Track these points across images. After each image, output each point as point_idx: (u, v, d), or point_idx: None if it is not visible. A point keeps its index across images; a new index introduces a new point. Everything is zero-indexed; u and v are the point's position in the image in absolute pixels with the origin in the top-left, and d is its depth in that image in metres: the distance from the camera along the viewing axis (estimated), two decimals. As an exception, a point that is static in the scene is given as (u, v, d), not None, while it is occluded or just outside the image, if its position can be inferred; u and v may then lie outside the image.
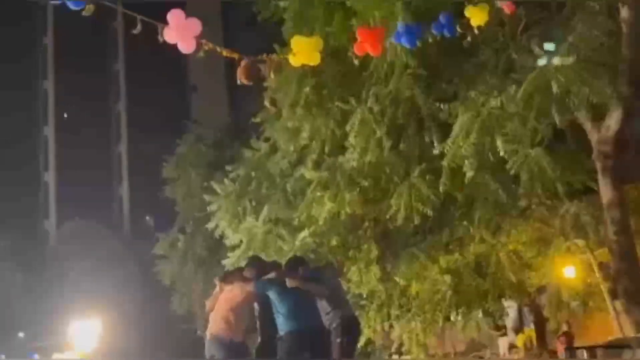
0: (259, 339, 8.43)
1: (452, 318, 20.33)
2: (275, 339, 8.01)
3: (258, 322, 8.49)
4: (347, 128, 16.24)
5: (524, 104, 14.11)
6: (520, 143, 14.67)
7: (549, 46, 13.52)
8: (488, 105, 14.44)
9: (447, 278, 19.45)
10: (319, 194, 17.45)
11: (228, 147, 30.75)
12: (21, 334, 40.56)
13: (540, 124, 14.37)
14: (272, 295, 8.07)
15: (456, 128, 14.95)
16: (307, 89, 16.40)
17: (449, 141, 15.13)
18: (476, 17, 9.43)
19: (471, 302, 19.95)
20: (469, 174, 15.24)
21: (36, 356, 26.81)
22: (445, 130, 15.68)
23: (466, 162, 15.05)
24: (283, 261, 9.95)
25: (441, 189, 15.99)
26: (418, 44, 9.88)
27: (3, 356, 30.10)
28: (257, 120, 19.44)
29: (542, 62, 13.67)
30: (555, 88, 13.48)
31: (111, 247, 45.03)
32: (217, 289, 8.87)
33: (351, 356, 8.65)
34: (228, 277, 8.89)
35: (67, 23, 52.24)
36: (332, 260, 18.26)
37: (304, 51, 8.04)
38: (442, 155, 15.53)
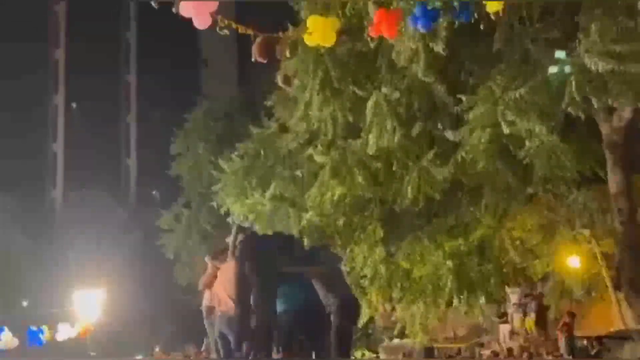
0: (256, 319, 8.35)
1: (454, 303, 20.33)
2: (271, 319, 7.95)
3: (255, 301, 8.37)
4: (366, 113, 16.06)
5: (540, 94, 13.99)
6: (534, 130, 14.57)
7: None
8: (506, 97, 14.27)
9: (450, 263, 19.45)
10: (330, 180, 17.42)
11: (237, 122, 30.72)
12: (25, 302, 40.79)
13: (554, 112, 14.26)
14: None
15: (472, 119, 14.83)
16: (321, 74, 16.23)
17: (464, 130, 15.00)
18: (492, 3, 9.31)
19: (474, 286, 19.96)
20: (482, 163, 15.19)
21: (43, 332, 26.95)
22: (459, 117, 15.58)
23: (481, 153, 14.97)
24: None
25: (450, 170, 15.92)
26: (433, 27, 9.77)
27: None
28: (270, 103, 19.32)
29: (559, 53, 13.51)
30: (572, 80, 13.28)
31: (117, 218, 45.15)
32: (210, 267, 8.85)
33: (349, 337, 8.63)
34: (219, 254, 8.79)
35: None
36: (335, 239, 18.29)
37: (319, 31, 7.96)
38: (454, 143, 15.44)
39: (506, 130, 14.37)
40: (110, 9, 57.50)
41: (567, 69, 13.31)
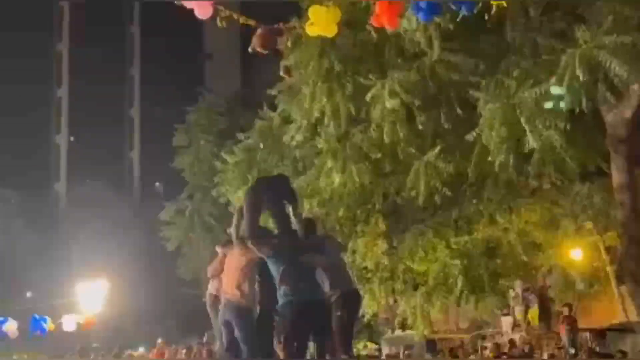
0: (259, 309, 8.29)
1: (462, 302, 20.24)
2: (274, 310, 7.90)
3: (258, 290, 8.32)
4: (370, 102, 15.90)
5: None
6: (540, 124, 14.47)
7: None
8: (520, 94, 14.12)
9: (458, 262, 19.32)
10: (328, 163, 17.33)
11: (240, 116, 30.73)
12: (29, 294, 40.92)
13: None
14: (270, 264, 7.92)
15: (487, 116, 14.68)
16: (327, 66, 16.09)
17: (481, 128, 14.85)
18: (497, -5, 9.22)
19: (484, 286, 19.80)
20: (500, 159, 15.02)
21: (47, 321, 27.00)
22: (469, 110, 15.47)
23: (496, 149, 14.85)
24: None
25: (470, 167, 15.83)
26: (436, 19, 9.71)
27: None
28: (273, 92, 19.20)
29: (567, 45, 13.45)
30: (581, 72, 13.12)
31: (120, 211, 45.17)
32: (220, 255, 8.79)
33: (350, 329, 8.60)
34: (230, 243, 8.71)
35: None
36: (336, 231, 18.24)
37: (321, 21, 7.91)
38: (463, 134, 15.30)
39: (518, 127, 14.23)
40: (114, 2, 57.52)
41: (563, 104, 13.33)
